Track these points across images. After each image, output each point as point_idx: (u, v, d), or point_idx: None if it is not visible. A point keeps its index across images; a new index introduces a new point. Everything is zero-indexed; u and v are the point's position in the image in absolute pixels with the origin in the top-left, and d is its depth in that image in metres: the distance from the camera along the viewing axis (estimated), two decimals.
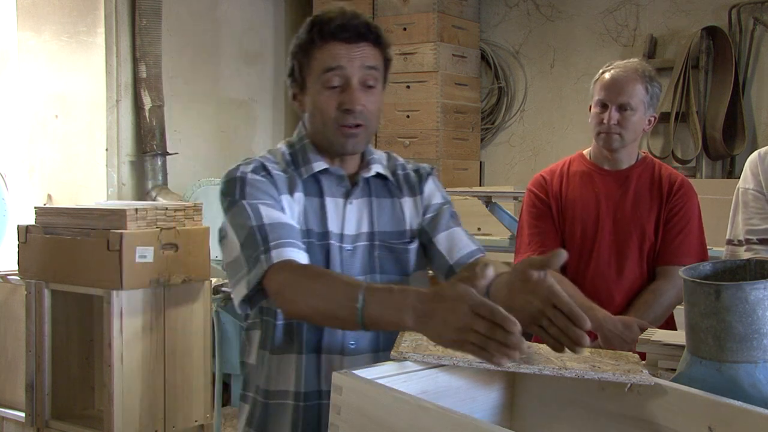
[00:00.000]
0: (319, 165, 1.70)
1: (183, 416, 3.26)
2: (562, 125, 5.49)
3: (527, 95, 5.63)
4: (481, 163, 5.70)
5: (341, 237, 1.68)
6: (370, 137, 1.73)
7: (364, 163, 1.76)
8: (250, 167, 1.66)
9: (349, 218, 1.70)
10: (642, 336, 1.74)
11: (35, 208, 3.38)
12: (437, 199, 1.80)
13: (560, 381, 1.33)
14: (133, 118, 4.75)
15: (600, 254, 2.42)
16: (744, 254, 2.21)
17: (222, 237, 1.66)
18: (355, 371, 1.25)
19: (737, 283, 1.29)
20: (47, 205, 4.40)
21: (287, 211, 1.63)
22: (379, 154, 1.80)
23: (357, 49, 1.64)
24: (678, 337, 1.64)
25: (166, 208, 3.22)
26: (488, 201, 4.02)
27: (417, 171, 1.83)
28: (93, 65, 4.64)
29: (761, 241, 2.21)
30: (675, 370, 1.43)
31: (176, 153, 4.85)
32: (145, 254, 3.07)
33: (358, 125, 1.65)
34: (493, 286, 1.48)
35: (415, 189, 1.79)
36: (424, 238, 1.77)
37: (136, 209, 3.10)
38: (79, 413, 3.35)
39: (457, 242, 1.75)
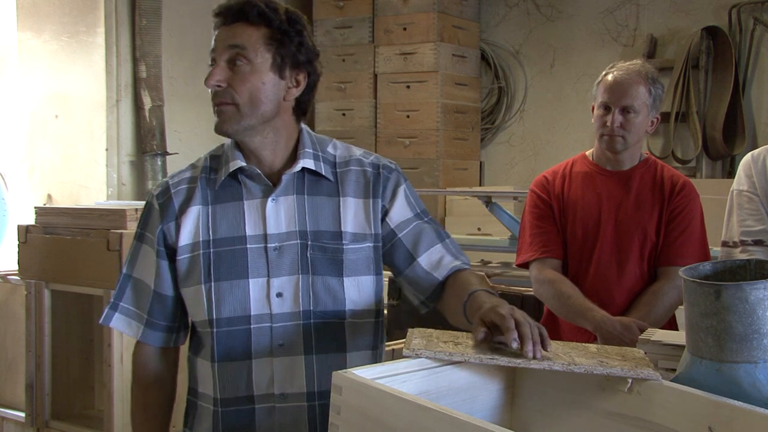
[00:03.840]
0: (236, 164, 1.64)
1: (183, 416, 3.25)
2: (562, 125, 5.48)
3: (527, 95, 5.63)
4: (481, 163, 5.69)
5: (264, 237, 1.60)
6: (251, 119, 1.61)
7: (296, 158, 1.64)
8: (158, 189, 1.70)
9: (271, 217, 1.61)
10: (642, 336, 1.73)
11: (35, 208, 3.38)
12: (407, 214, 1.69)
13: (560, 381, 1.33)
14: (133, 118, 4.74)
15: (601, 255, 2.41)
16: (739, 255, 2.19)
17: None
18: (355, 371, 1.25)
19: (737, 283, 1.29)
20: (47, 205, 4.40)
21: (174, 238, 1.64)
22: (315, 147, 1.66)
23: (229, 30, 1.62)
24: (678, 337, 1.64)
25: None
26: (488, 201, 4.02)
27: (377, 169, 1.68)
28: (93, 65, 4.64)
29: (756, 243, 2.19)
30: (675, 370, 1.42)
31: (176, 153, 4.84)
32: None
33: (223, 103, 1.60)
34: (469, 303, 1.53)
35: (368, 191, 1.66)
36: (401, 259, 1.68)
37: (136, 209, 3.10)
38: (79, 413, 3.34)
39: (440, 259, 1.68)
